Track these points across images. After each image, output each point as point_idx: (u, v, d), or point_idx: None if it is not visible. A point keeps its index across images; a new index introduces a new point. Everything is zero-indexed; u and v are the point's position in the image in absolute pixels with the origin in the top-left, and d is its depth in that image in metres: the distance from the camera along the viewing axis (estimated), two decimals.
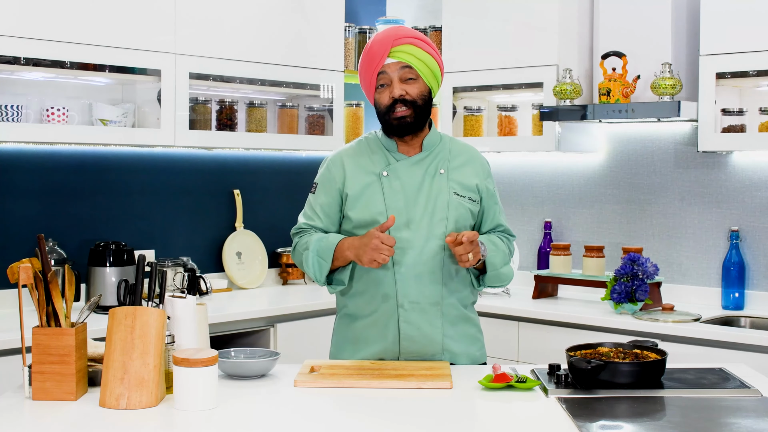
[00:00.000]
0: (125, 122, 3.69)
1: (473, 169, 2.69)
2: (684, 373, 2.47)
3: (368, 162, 2.65)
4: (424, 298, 2.57)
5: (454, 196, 2.62)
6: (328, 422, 2.06)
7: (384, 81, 2.59)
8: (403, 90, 2.57)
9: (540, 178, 4.42)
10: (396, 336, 2.58)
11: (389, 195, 2.59)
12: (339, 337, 2.71)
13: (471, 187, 2.66)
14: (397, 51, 2.56)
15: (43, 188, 3.69)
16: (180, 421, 2.04)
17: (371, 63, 2.59)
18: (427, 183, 2.62)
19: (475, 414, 2.13)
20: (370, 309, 2.61)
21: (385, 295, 2.58)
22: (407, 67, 2.57)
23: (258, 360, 2.41)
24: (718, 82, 3.59)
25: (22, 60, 3.27)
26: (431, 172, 2.63)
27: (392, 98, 2.57)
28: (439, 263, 2.58)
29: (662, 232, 4.05)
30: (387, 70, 2.58)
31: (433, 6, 4.70)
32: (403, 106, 2.57)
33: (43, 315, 2.17)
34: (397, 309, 2.57)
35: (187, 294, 3.25)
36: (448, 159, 2.67)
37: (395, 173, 2.62)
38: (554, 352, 3.27)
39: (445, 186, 2.62)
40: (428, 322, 2.58)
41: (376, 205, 2.59)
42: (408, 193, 2.60)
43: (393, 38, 2.57)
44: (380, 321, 2.59)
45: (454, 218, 2.60)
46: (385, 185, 2.61)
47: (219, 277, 4.21)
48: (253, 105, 4.16)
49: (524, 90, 4.16)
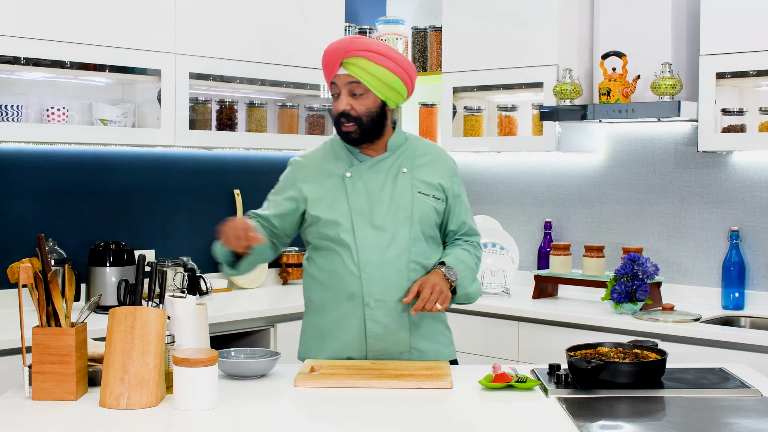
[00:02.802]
0: (125, 122, 3.69)
1: (437, 169, 2.68)
2: (684, 373, 2.47)
3: (332, 164, 2.65)
4: (390, 296, 2.57)
5: (418, 194, 2.62)
6: (328, 422, 2.06)
7: (335, 91, 2.58)
8: (349, 105, 2.55)
9: (540, 178, 4.42)
10: (362, 334, 2.58)
11: (352, 196, 2.59)
12: (306, 332, 2.71)
13: (435, 185, 2.65)
14: (348, 63, 2.52)
15: (43, 188, 3.69)
16: (180, 421, 2.04)
17: (324, 72, 2.59)
18: (390, 182, 2.62)
19: (475, 414, 2.13)
20: (335, 306, 2.61)
21: (351, 294, 2.58)
22: (355, 82, 2.54)
23: (258, 360, 2.41)
24: (718, 82, 3.59)
25: (22, 60, 3.27)
26: (394, 172, 2.63)
27: (337, 112, 2.57)
28: (405, 262, 2.58)
29: (662, 232, 4.05)
30: (337, 81, 2.57)
31: (433, 6, 4.70)
32: (348, 121, 2.56)
33: (43, 315, 2.17)
34: (363, 308, 2.57)
35: (187, 294, 3.25)
36: (412, 158, 2.66)
37: (358, 174, 2.62)
38: (554, 352, 3.27)
39: (409, 185, 2.62)
40: (394, 321, 2.58)
41: (340, 207, 2.59)
42: (371, 194, 2.60)
43: (344, 50, 2.52)
44: (346, 319, 2.59)
45: (419, 216, 2.60)
46: (348, 186, 2.60)
47: (219, 277, 4.21)
48: (253, 105, 4.16)
49: (524, 90, 4.16)
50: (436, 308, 2.48)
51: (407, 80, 2.59)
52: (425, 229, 2.62)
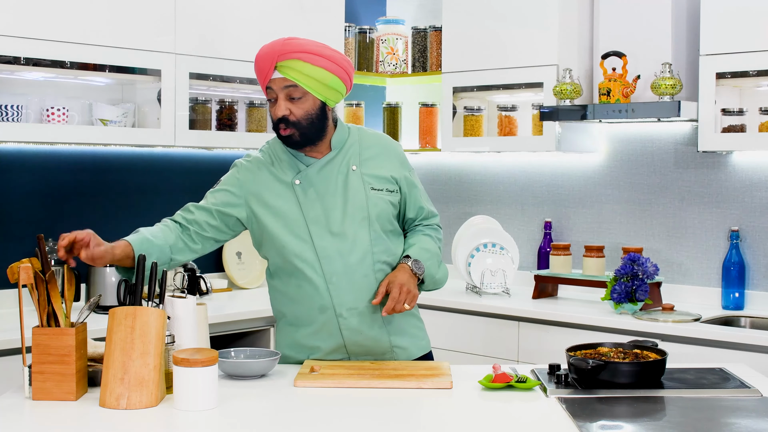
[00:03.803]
0: (125, 122, 3.69)
1: (386, 160, 2.62)
2: (684, 373, 2.47)
3: (277, 171, 2.56)
4: (361, 302, 2.53)
5: (372, 191, 2.55)
6: (328, 422, 2.06)
7: (271, 96, 2.48)
8: (288, 110, 2.46)
9: (540, 178, 4.42)
10: (341, 343, 2.56)
11: (305, 204, 2.52)
12: (283, 345, 2.65)
13: (387, 178, 2.59)
14: (283, 66, 2.43)
15: (43, 188, 3.69)
16: (180, 421, 2.04)
17: (258, 77, 2.49)
18: (341, 184, 2.54)
19: (475, 414, 2.13)
20: (309, 319, 2.56)
21: (322, 307, 2.53)
22: (292, 86, 2.44)
23: (258, 360, 2.41)
24: (718, 82, 3.59)
25: (22, 60, 3.27)
26: (344, 171, 2.56)
27: (276, 117, 2.48)
28: (370, 264, 2.54)
29: (662, 232, 4.05)
30: (273, 86, 2.46)
31: (433, 6, 4.70)
32: (288, 126, 2.47)
33: (44, 315, 2.17)
34: (337, 319, 2.53)
35: (187, 294, 3.25)
36: (358, 153, 2.59)
37: (307, 180, 2.54)
38: (554, 352, 3.27)
39: (360, 183, 2.55)
40: (370, 326, 2.55)
41: (294, 218, 2.51)
42: (324, 199, 2.53)
43: (278, 53, 2.42)
44: (322, 330, 2.55)
45: (375, 214, 2.54)
46: (299, 194, 2.53)
47: (219, 277, 4.21)
48: (253, 105, 4.16)
49: (524, 90, 4.16)
50: (404, 308, 2.47)
51: (345, 78, 2.50)
52: (384, 225, 2.56)
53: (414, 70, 4.64)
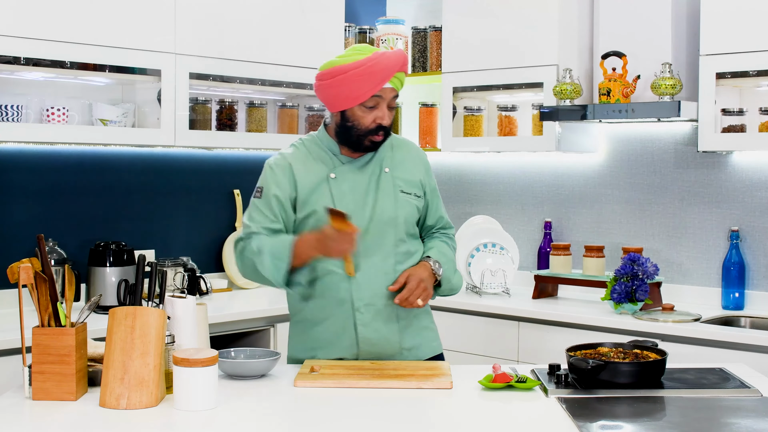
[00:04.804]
0: (125, 122, 3.69)
1: (415, 165, 2.68)
2: (684, 373, 2.47)
3: (313, 165, 2.59)
4: (379, 300, 2.56)
5: (401, 194, 2.61)
6: (328, 422, 2.06)
7: (374, 103, 2.52)
8: (390, 118, 2.55)
9: (540, 178, 4.42)
10: (354, 340, 2.57)
11: (338, 198, 2.56)
12: (295, 343, 2.67)
13: (415, 183, 2.65)
14: (395, 77, 2.53)
15: (43, 188, 3.69)
16: (180, 421, 2.04)
17: (371, 83, 2.49)
18: (373, 184, 2.60)
19: (475, 414, 2.13)
20: (325, 314, 2.58)
21: (340, 300, 2.56)
22: (396, 96, 2.56)
23: (258, 360, 2.41)
24: (718, 82, 3.58)
25: (22, 60, 3.27)
26: (376, 172, 2.61)
27: (377, 124, 2.52)
28: (392, 264, 2.57)
29: (662, 232, 4.05)
30: (383, 94, 2.52)
31: (433, 6, 4.70)
32: (384, 133, 2.55)
33: (45, 315, 2.17)
34: (354, 313, 2.56)
35: (187, 294, 3.25)
36: (390, 156, 2.65)
37: (343, 176, 2.59)
38: (554, 352, 3.27)
39: (391, 185, 2.61)
40: (385, 324, 2.57)
41: (324, 208, 2.52)
42: (356, 196, 2.57)
43: (401, 63, 2.52)
44: (337, 325, 2.58)
45: (403, 217, 2.60)
46: (333, 188, 2.57)
47: (219, 277, 4.21)
48: (253, 105, 4.16)
49: (524, 90, 4.16)
50: (417, 304, 2.50)
51: None
52: (408, 228, 2.62)
53: (414, 70, 4.64)
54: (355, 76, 2.48)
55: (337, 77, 2.50)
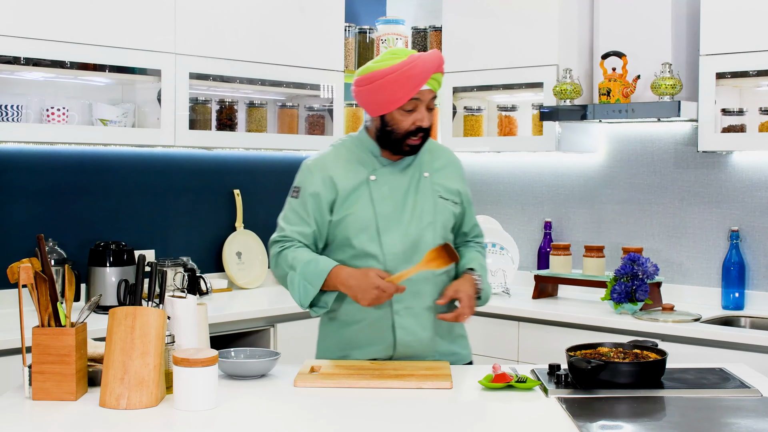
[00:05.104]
0: (125, 122, 3.69)
1: (454, 173, 2.68)
2: (684, 373, 2.47)
3: (353, 166, 2.59)
4: (417, 303, 2.56)
5: (440, 199, 2.61)
6: (328, 422, 2.06)
7: (412, 106, 2.50)
8: (430, 119, 2.53)
9: (540, 178, 4.42)
10: (391, 342, 2.57)
11: (378, 200, 2.56)
12: (327, 341, 2.67)
13: (454, 190, 2.65)
14: (433, 78, 2.50)
15: (43, 188, 3.69)
16: (180, 421, 2.04)
17: (409, 86, 2.46)
18: (413, 187, 2.59)
19: (475, 414, 2.13)
20: (362, 315, 2.58)
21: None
22: (434, 97, 2.54)
23: (258, 360, 2.41)
24: (718, 82, 3.59)
25: (22, 60, 3.27)
26: (416, 176, 2.61)
27: (416, 126, 2.50)
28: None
29: (662, 232, 4.05)
30: (421, 96, 2.50)
31: (433, 6, 4.70)
32: (423, 135, 2.53)
33: (45, 315, 2.17)
34: (392, 316, 2.56)
35: (187, 294, 3.24)
36: (430, 162, 2.65)
37: (383, 178, 2.58)
38: (554, 352, 3.27)
39: (430, 190, 2.61)
40: (422, 327, 2.58)
41: (365, 210, 2.55)
42: (396, 198, 2.57)
43: (437, 65, 2.49)
44: (374, 326, 2.58)
45: (441, 222, 2.60)
46: (373, 190, 2.57)
47: (219, 277, 4.21)
48: (253, 105, 4.16)
49: (524, 90, 4.16)
50: (463, 320, 2.53)
51: None
52: (446, 234, 2.62)
53: None
54: (392, 80, 2.47)
55: (375, 83, 2.49)
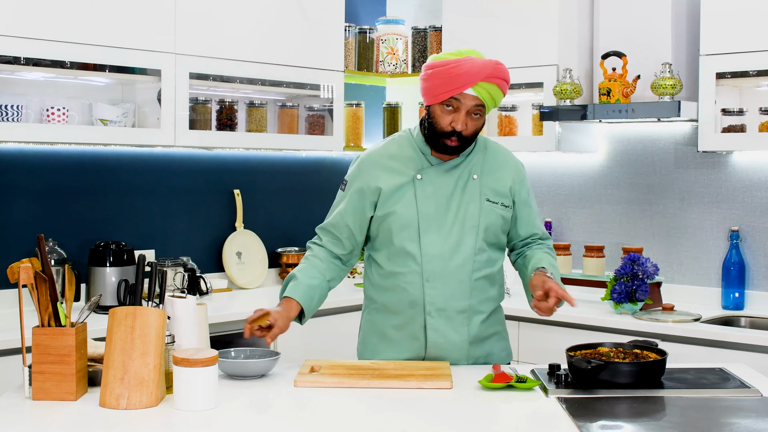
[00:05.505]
0: (125, 122, 3.69)
1: (507, 174, 2.65)
2: (684, 373, 2.47)
3: (402, 163, 2.59)
4: (452, 305, 2.56)
5: (486, 202, 2.59)
6: (328, 422, 2.06)
7: (452, 105, 2.50)
8: (465, 125, 2.50)
9: (540, 178, 4.42)
10: (423, 343, 2.58)
11: (421, 199, 2.56)
12: (367, 331, 2.69)
13: (504, 192, 2.62)
14: (481, 86, 2.46)
15: (43, 188, 3.69)
16: (180, 421, 2.04)
17: (450, 85, 2.46)
18: (459, 189, 2.58)
19: (475, 414, 2.13)
20: (396, 311, 2.60)
21: (412, 302, 2.56)
22: (480, 105, 2.50)
23: (258, 360, 2.41)
24: (718, 82, 3.59)
25: (22, 60, 3.27)
26: (464, 178, 2.59)
27: (452, 128, 2.50)
28: (469, 272, 2.56)
29: (662, 232, 4.05)
30: (462, 99, 2.48)
31: (433, 6, 4.70)
32: (459, 140, 2.51)
33: (45, 315, 2.17)
34: (425, 317, 2.56)
35: (187, 294, 3.25)
36: (481, 163, 2.62)
37: (429, 178, 2.58)
38: (554, 352, 3.27)
39: (477, 192, 2.59)
40: (455, 330, 2.57)
41: (408, 208, 2.55)
42: (440, 199, 2.56)
43: (487, 74, 2.46)
44: (407, 326, 2.59)
45: (485, 225, 2.57)
46: (418, 189, 2.57)
47: (219, 277, 4.21)
48: (253, 105, 4.16)
49: (524, 90, 4.16)
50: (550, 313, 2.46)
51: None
52: (490, 237, 2.59)
53: (414, 70, 4.63)
54: (439, 74, 2.49)
55: (428, 72, 2.52)
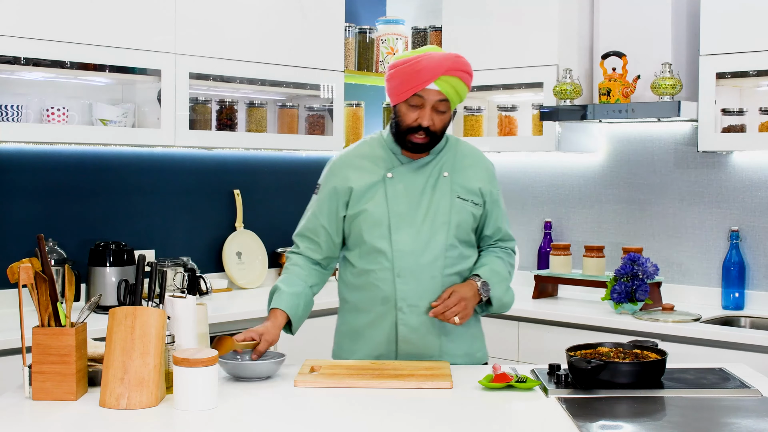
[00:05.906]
0: (125, 122, 3.69)
1: (478, 173, 2.67)
2: (684, 373, 2.47)
3: (373, 162, 2.63)
4: (423, 301, 2.57)
5: (457, 199, 2.61)
6: (328, 422, 2.06)
7: (416, 102, 2.51)
8: (432, 121, 2.52)
9: (540, 178, 4.42)
10: (393, 338, 2.59)
11: (392, 197, 2.58)
12: (340, 332, 2.73)
13: (474, 190, 2.64)
14: (443, 80, 2.48)
15: (43, 188, 3.69)
16: (180, 421, 2.04)
17: (412, 81, 2.49)
18: (430, 186, 2.61)
19: (475, 414, 2.13)
20: (368, 308, 2.62)
21: (384, 298, 2.58)
22: (444, 100, 2.52)
23: (264, 362, 2.40)
24: (718, 82, 3.59)
25: (22, 60, 3.27)
26: (435, 175, 2.62)
27: (418, 124, 2.52)
28: (440, 268, 2.58)
29: (662, 232, 4.05)
30: (425, 95, 2.50)
31: (433, 6, 4.70)
32: (425, 134, 2.53)
33: (45, 315, 2.17)
34: (396, 312, 2.58)
35: (187, 294, 3.25)
36: (452, 161, 2.65)
37: (399, 176, 2.60)
38: (554, 352, 3.27)
39: (448, 189, 2.61)
40: (426, 326, 2.58)
41: (379, 206, 2.58)
42: (411, 197, 2.59)
43: (446, 68, 2.48)
44: (378, 321, 2.61)
45: (456, 222, 2.60)
46: (388, 187, 2.59)
47: (219, 277, 4.21)
48: (253, 105, 4.15)
49: (524, 90, 4.16)
50: (453, 321, 2.51)
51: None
52: (461, 234, 2.61)
53: None
54: (401, 72, 2.52)
55: (390, 71, 2.56)
